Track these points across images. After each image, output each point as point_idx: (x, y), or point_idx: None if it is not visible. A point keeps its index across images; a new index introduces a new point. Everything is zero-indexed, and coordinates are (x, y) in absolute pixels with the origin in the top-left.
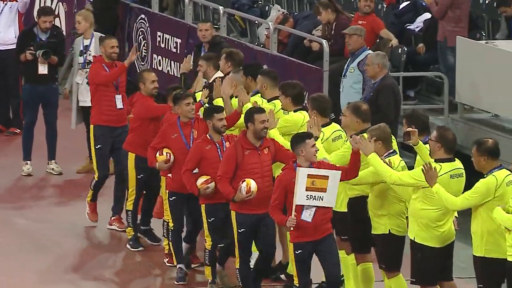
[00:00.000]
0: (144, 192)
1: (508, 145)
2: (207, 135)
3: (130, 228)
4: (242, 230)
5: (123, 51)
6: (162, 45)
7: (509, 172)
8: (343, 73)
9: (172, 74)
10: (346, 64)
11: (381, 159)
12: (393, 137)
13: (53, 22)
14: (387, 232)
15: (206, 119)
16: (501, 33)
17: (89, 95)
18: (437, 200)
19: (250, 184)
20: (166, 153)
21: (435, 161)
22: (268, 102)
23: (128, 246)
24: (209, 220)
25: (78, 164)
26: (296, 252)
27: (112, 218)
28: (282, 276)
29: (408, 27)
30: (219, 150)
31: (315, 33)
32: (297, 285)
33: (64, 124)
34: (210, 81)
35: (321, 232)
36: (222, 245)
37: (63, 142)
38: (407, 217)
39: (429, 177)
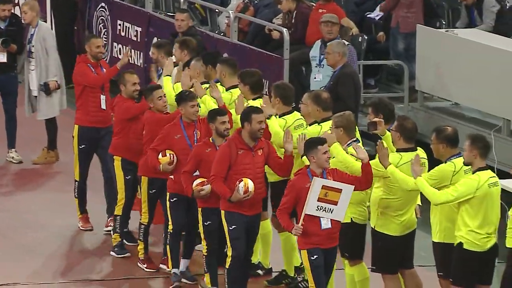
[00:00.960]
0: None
1: (468, 133)
2: (210, 139)
3: (117, 234)
4: (234, 227)
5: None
6: (123, 34)
7: None
8: (318, 63)
9: (133, 62)
10: (319, 53)
11: (344, 148)
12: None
13: (12, 10)
14: (349, 221)
15: (209, 122)
16: (461, 21)
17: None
18: (397, 189)
19: (248, 184)
20: (169, 154)
21: (396, 151)
22: (226, 90)
23: (112, 253)
24: (205, 223)
25: (38, 153)
26: (312, 257)
27: (109, 219)
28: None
29: (368, 15)
30: None
31: (275, 22)
32: None
33: (24, 113)
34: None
35: (331, 241)
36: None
37: (22, 131)
38: (368, 206)
39: (382, 156)
